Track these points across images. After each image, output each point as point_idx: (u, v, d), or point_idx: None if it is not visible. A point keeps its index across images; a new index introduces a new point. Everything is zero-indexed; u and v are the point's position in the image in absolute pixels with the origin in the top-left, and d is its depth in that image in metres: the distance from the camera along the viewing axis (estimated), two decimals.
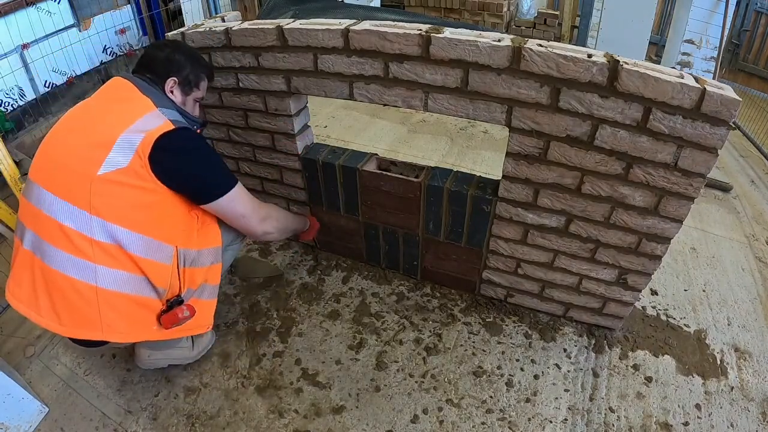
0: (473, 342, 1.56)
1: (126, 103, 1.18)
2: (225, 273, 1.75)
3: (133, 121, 1.12)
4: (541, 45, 1.11)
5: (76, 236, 1.09)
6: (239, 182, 1.29)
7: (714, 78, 3.15)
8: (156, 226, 1.16)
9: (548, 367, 1.48)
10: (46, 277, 1.12)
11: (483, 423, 1.34)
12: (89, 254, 1.09)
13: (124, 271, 1.13)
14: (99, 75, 3.24)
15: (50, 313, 1.13)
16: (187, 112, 1.30)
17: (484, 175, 1.52)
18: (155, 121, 1.14)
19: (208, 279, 1.32)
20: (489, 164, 2.54)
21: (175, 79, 1.28)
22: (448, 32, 1.19)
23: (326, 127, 2.94)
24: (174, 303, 1.21)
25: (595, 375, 1.46)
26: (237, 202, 1.28)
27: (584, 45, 3.88)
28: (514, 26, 5.18)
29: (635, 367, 1.48)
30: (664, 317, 1.66)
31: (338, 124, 2.99)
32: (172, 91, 1.28)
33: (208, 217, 1.31)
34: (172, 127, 1.14)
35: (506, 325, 1.62)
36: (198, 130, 1.34)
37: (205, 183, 1.23)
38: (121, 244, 1.11)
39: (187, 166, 1.18)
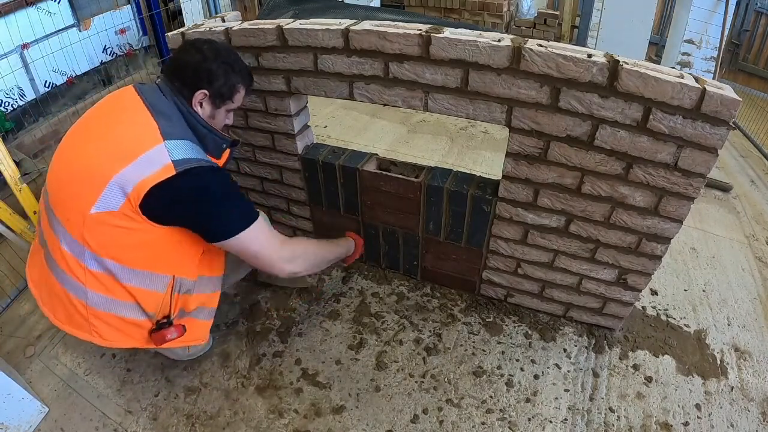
0: (473, 342, 1.56)
1: (132, 129, 1.08)
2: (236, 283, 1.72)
3: (133, 159, 1.02)
4: (541, 45, 1.11)
5: (71, 260, 1.11)
6: (257, 221, 1.15)
7: (714, 78, 3.15)
8: (150, 261, 1.13)
9: (548, 367, 1.48)
10: (48, 279, 1.20)
11: (483, 423, 1.34)
12: (82, 278, 1.12)
13: (114, 298, 1.14)
14: (99, 75, 3.24)
15: (51, 306, 1.22)
16: (216, 130, 1.20)
17: (484, 175, 1.52)
18: (154, 164, 1.03)
19: (205, 303, 1.30)
20: (489, 164, 2.54)
21: (205, 92, 1.15)
22: (448, 32, 1.19)
23: (326, 127, 2.94)
24: (163, 324, 1.20)
25: (595, 375, 1.46)
26: (250, 243, 1.15)
27: (584, 45, 3.88)
28: (514, 26, 5.18)
29: (635, 367, 1.48)
30: (664, 317, 1.66)
31: (338, 124, 2.99)
32: (201, 104, 1.17)
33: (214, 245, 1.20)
34: (170, 173, 1.03)
35: (506, 325, 1.62)
36: (226, 150, 1.25)
37: (206, 226, 1.12)
38: (113, 274, 1.11)
39: (182, 214, 1.10)
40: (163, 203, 1.05)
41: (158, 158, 1.03)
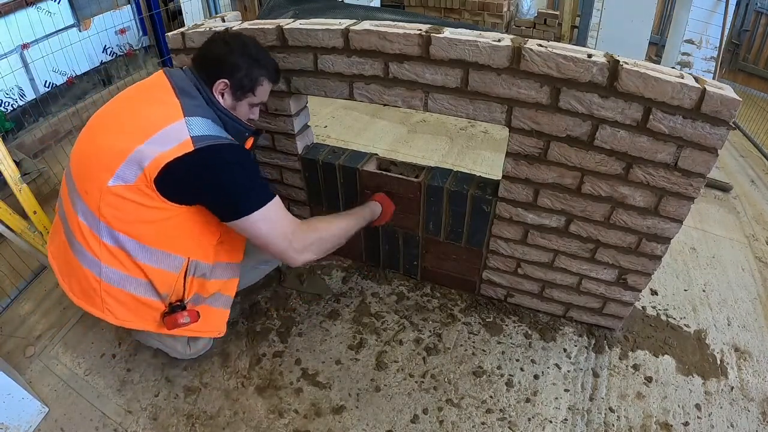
0: (473, 342, 1.56)
1: (155, 107, 1.11)
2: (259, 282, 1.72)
3: (153, 134, 1.05)
4: (541, 45, 1.11)
5: (87, 233, 1.14)
6: (272, 202, 1.14)
7: (714, 78, 3.15)
8: (164, 239, 1.14)
9: (548, 367, 1.48)
10: (66, 252, 1.23)
11: (483, 423, 1.34)
12: (97, 252, 1.14)
13: (127, 274, 1.16)
14: (99, 75, 3.24)
15: (68, 280, 1.24)
16: (237, 118, 1.21)
17: (484, 175, 1.52)
18: (173, 139, 1.05)
19: (222, 290, 1.32)
20: (489, 164, 2.54)
21: (225, 81, 1.17)
22: (448, 32, 1.19)
23: (326, 127, 2.94)
24: (176, 307, 1.21)
25: (595, 375, 1.46)
26: (262, 225, 1.13)
27: (584, 45, 3.88)
28: (514, 26, 5.18)
29: (635, 367, 1.48)
30: (664, 317, 1.66)
31: (338, 124, 2.99)
32: (222, 94, 1.19)
33: (234, 231, 1.18)
34: (188, 149, 1.04)
35: (506, 325, 1.62)
36: (249, 139, 1.26)
37: (220, 203, 1.13)
38: (126, 250, 1.13)
39: (197, 190, 1.10)
40: (178, 178, 1.07)
41: (177, 133, 1.06)
